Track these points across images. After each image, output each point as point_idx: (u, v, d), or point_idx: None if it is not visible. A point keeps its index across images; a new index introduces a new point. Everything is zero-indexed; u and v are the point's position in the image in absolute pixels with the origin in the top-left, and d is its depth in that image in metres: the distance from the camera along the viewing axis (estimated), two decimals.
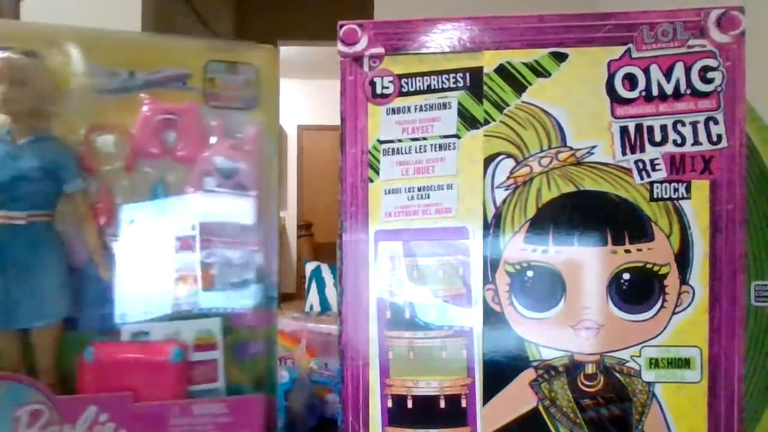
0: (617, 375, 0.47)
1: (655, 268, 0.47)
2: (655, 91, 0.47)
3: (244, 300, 0.57)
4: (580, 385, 0.47)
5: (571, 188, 0.48)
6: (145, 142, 0.55)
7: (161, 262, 0.55)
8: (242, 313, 0.57)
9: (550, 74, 0.48)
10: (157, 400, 0.51)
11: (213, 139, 0.57)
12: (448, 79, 0.49)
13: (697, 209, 0.47)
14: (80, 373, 0.51)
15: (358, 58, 0.50)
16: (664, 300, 0.47)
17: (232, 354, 0.55)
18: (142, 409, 0.50)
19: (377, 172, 0.49)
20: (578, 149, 0.48)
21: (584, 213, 0.48)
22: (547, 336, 0.48)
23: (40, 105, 0.53)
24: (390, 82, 0.50)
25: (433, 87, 0.49)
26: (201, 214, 0.55)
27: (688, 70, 0.47)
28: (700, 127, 0.47)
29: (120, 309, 0.53)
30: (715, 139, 0.46)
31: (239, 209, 0.56)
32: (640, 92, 0.47)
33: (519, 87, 0.48)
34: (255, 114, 0.58)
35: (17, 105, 0.51)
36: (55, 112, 0.53)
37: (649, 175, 0.47)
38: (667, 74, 0.47)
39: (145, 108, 0.55)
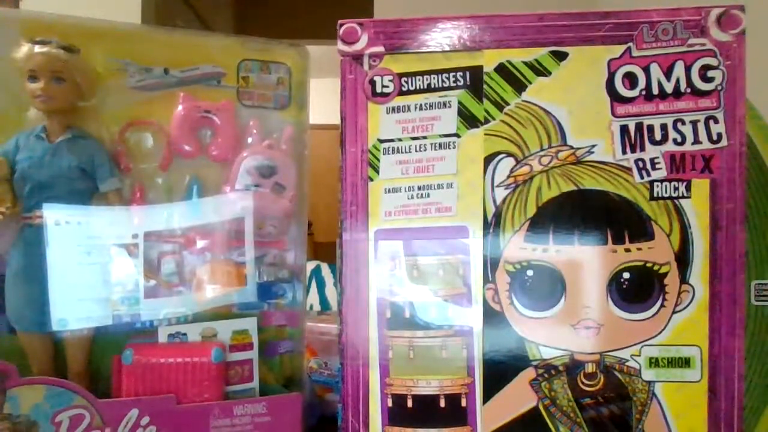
0: (617, 374, 0.47)
1: (655, 267, 0.47)
2: (655, 90, 0.47)
3: (274, 299, 0.57)
4: (580, 384, 0.47)
5: (572, 187, 0.48)
6: (181, 139, 0.55)
7: (194, 261, 0.55)
8: (272, 312, 0.57)
9: (550, 73, 0.48)
10: (197, 401, 0.51)
11: (249, 139, 0.57)
12: (448, 78, 0.49)
13: (697, 208, 0.46)
14: (117, 376, 0.51)
15: (357, 57, 0.50)
16: (664, 299, 0.47)
17: (262, 353, 0.55)
18: (184, 411, 0.50)
19: (377, 171, 0.49)
20: (578, 148, 0.48)
21: (584, 212, 0.47)
22: (547, 335, 0.48)
23: (77, 102, 0.52)
24: (390, 80, 0.50)
25: (433, 86, 0.49)
26: (234, 213, 0.55)
27: (688, 69, 0.47)
28: (701, 126, 0.47)
29: (153, 309, 0.53)
30: (715, 137, 0.46)
31: (275, 209, 0.56)
32: (641, 91, 0.47)
33: (519, 86, 0.48)
34: (287, 113, 0.58)
35: (55, 102, 0.50)
36: (90, 108, 0.53)
37: (649, 174, 0.47)
38: (668, 73, 0.47)
39: (181, 105, 0.55)
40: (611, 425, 0.47)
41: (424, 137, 0.49)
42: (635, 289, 0.47)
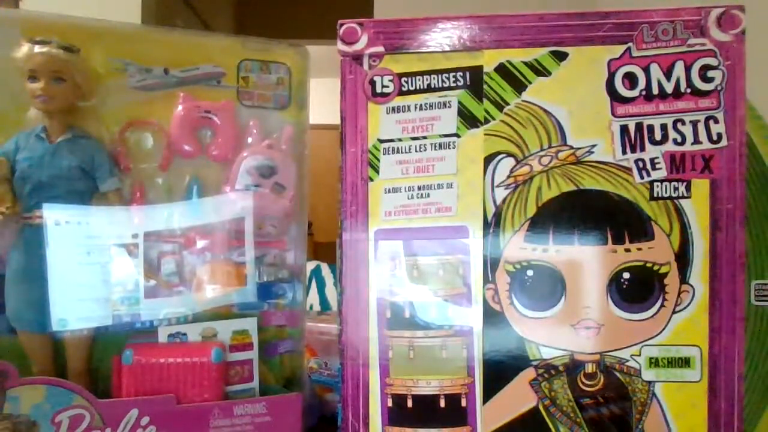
0: (617, 374, 0.47)
1: (655, 267, 0.47)
2: (655, 90, 0.47)
3: (274, 299, 0.57)
4: (580, 384, 0.47)
5: (572, 187, 0.48)
6: (181, 139, 0.55)
7: (194, 261, 0.55)
8: (272, 312, 0.57)
9: (550, 73, 0.48)
10: (197, 401, 0.51)
11: (249, 139, 0.57)
12: (448, 78, 0.49)
13: (697, 208, 0.46)
14: (117, 376, 0.51)
15: (357, 57, 0.50)
16: (664, 299, 0.47)
17: (262, 353, 0.55)
18: (183, 411, 0.50)
19: (377, 171, 0.49)
20: (578, 148, 0.48)
21: (584, 212, 0.47)
22: (547, 335, 0.48)
23: (77, 102, 0.52)
24: (390, 80, 0.50)
25: (433, 86, 0.49)
26: (234, 213, 0.55)
27: (688, 69, 0.47)
28: (701, 126, 0.47)
29: (153, 309, 0.53)
30: (715, 137, 0.46)
31: (275, 209, 0.56)
32: (641, 91, 0.47)
33: (519, 86, 0.48)
34: (287, 113, 0.58)
35: (55, 102, 0.50)
36: (90, 109, 0.53)
37: (649, 174, 0.47)
38: (668, 73, 0.47)
39: (181, 105, 0.55)
40: (611, 425, 0.47)
41: (424, 137, 0.49)
42: (635, 289, 0.47)
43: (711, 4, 0.47)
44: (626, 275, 0.47)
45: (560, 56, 0.48)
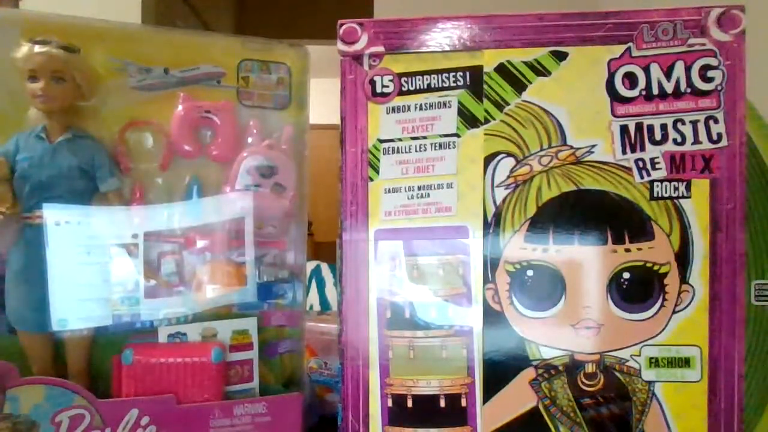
0: (617, 374, 0.47)
1: (656, 267, 0.47)
2: (655, 90, 0.47)
3: (274, 299, 0.57)
4: (580, 384, 0.47)
5: (572, 187, 0.48)
6: (181, 139, 0.55)
7: (194, 261, 0.55)
8: (272, 312, 0.57)
9: (550, 73, 0.48)
10: (197, 401, 0.51)
11: (249, 139, 0.57)
12: (448, 78, 0.49)
13: (697, 208, 0.46)
14: (117, 376, 0.51)
15: (357, 57, 0.50)
16: (664, 299, 0.47)
17: (262, 353, 0.55)
18: (183, 411, 0.50)
19: (377, 171, 0.49)
20: (578, 148, 0.48)
21: (584, 212, 0.48)
22: (547, 335, 0.48)
23: (77, 102, 0.52)
24: (390, 80, 0.50)
25: (433, 86, 0.49)
26: (234, 213, 0.55)
27: (688, 69, 0.47)
28: (701, 126, 0.47)
29: (153, 309, 0.53)
30: (715, 137, 0.46)
31: (275, 208, 0.56)
32: (640, 91, 0.47)
33: (519, 86, 0.48)
34: (287, 113, 0.58)
35: (55, 102, 0.50)
36: (90, 109, 0.53)
37: (649, 174, 0.47)
38: (668, 73, 0.47)
39: (181, 105, 0.55)
40: (611, 425, 0.47)
41: (424, 137, 0.49)
42: (635, 289, 0.47)
43: (711, 4, 0.47)
44: (626, 275, 0.47)
45: (560, 56, 0.48)
